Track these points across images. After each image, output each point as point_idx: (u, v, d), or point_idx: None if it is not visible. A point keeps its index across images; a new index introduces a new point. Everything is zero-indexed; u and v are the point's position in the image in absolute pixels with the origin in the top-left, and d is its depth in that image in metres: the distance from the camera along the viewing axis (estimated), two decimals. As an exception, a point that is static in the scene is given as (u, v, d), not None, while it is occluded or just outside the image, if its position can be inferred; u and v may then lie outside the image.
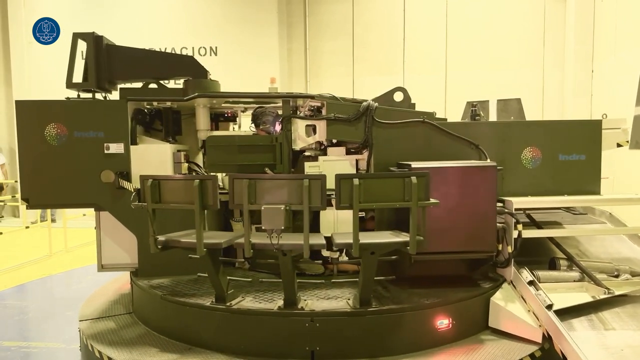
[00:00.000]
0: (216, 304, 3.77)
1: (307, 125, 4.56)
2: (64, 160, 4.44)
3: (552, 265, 4.17)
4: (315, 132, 4.53)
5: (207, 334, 3.78)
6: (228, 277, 3.99)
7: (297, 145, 4.60)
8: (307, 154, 4.70)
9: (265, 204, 3.38)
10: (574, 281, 3.97)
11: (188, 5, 12.88)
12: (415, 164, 4.01)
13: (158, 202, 3.68)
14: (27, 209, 4.61)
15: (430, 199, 3.48)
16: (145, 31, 12.77)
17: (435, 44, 12.20)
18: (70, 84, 4.71)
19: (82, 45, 4.78)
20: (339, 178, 3.39)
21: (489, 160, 4.28)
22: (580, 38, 10.97)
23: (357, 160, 4.57)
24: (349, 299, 3.79)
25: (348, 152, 4.62)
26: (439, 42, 12.20)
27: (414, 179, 3.31)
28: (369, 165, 4.49)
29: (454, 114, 7.03)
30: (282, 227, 3.32)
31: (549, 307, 3.56)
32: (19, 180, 12.96)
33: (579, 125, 4.66)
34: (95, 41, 4.64)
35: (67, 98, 4.70)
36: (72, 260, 8.68)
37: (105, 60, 4.69)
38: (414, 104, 4.84)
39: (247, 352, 3.62)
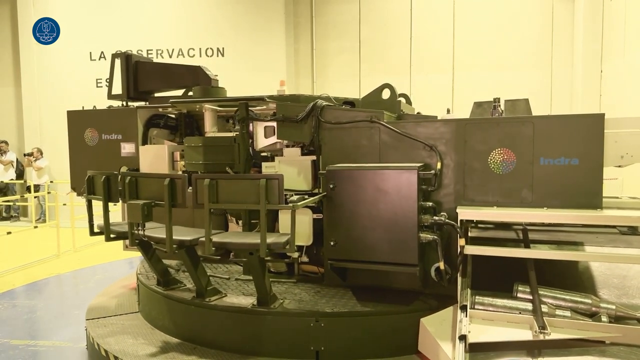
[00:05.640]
0: (156, 286, 4.24)
1: (266, 127, 4.59)
2: (96, 158, 5.31)
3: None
4: (274, 133, 4.54)
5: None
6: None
7: (257, 146, 4.63)
8: (263, 154, 4.74)
9: (133, 200, 3.72)
10: (520, 313, 3.27)
11: (194, 7, 12.90)
12: (331, 166, 3.90)
13: (92, 194, 4.17)
14: (77, 195, 5.47)
15: (296, 204, 3.41)
16: (153, 32, 12.83)
17: (442, 44, 12.13)
18: (110, 96, 5.61)
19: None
20: (195, 178, 3.55)
21: (439, 164, 3.90)
22: (589, 38, 10.86)
23: (314, 161, 4.41)
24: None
25: (305, 153, 4.52)
26: (446, 42, 12.13)
27: (262, 181, 3.34)
28: (318, 166, 4.33)
29: (462, 115, 6.98)
30: (141, 221, 3.63)
31: (461, 337, 3.06)
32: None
33: (569, 121, 3.70)
34: (126, 59, 5.46)
35: (110, 107, 5.52)
36: (79, 260, 8.73)
37: (133, 74, 5.44)
38: (399, 101, 4.64)
39: (253, 352, 3.65)
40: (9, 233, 9.45)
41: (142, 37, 12.67)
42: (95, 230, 4.22)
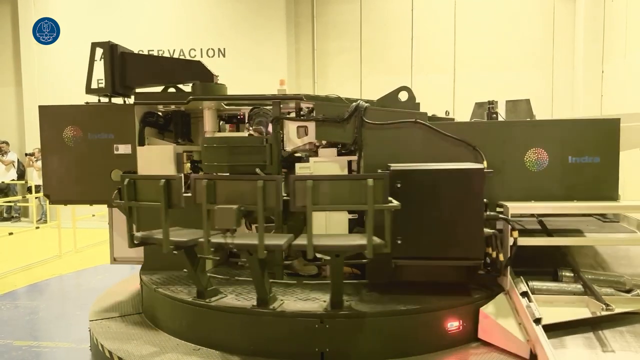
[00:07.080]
0: (197, 299, 3.93)
1: (298, 127, 4.52)
2: (79, 160, 4.81)
3: (555, 276, 3.92)
4: (307, 134, 4.49)
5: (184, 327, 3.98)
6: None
7: (289, 147, 4.56)
8: (297, 155, 4.67)
9: (219, 204, 3.46)
10: (574, 295, 3.69)
11: (195, 7, 12.90)
12: (397, 166, 3.91)
13: (134, 199, 3.85)
14: (49, 204, 5.02)
15: (394, 201, 3.39)
16: (153, 33, 12.81)
17: (443, 44, 12.15)
18: (89, 90, 5.00)
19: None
20: (293, 179, 3.42)
21: (485, 163, 4.09)
22: (590, 38, 10.88)
23: (349, 162, 4.42)
24: (325, 301, 3.76)
25: (341, 154, 4.51)
26: (447, 42, 12.14)
27: (370, 181, 3.25)
28: (359, 167, 4.34)
29: (463, 115, 7.00)
30: (235, 227, 3.40)
31: (537, 320, 3.32)
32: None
33: (592, 124, 4.25)
34: (110, 49, 4.88)
35: (87, 103, 5.00)
36: (81, 260, 8.73)
37: (119, 66, 4.93)
38: (419, 104, 4.69)
39: (256, 353, 3.65)
40: (10, 234, 9.47)
41: (142, 37, 12.64)
42: (135, 241, 3.90)
